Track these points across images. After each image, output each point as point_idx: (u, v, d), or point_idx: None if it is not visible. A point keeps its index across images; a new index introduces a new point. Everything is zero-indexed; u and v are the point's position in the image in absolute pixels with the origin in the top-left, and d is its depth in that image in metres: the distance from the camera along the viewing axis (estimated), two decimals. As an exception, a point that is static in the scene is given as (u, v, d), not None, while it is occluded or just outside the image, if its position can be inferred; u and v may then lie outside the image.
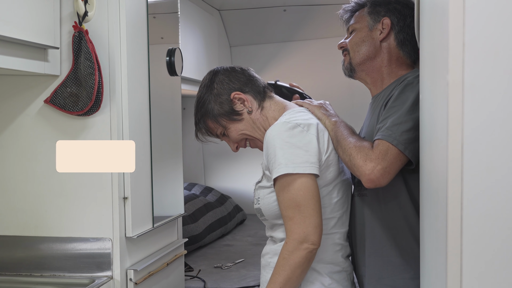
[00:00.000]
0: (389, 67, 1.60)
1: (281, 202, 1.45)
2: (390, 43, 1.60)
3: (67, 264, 1.76)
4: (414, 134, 1.43)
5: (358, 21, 1.65)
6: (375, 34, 1.61)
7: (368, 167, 1.41)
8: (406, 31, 1.60)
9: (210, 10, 3.75)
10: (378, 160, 1.41)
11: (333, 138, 1.52)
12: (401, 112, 1.45)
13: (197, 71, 3.29)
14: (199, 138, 1.68)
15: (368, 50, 1.61)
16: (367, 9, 1.64)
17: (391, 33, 1.60)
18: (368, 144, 1.45)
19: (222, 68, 1.65)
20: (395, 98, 1.48)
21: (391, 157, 1.41)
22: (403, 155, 1.42)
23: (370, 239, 1.57)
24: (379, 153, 1.41)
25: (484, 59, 0.90)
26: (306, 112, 1.58)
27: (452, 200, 0.92)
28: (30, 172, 1.78)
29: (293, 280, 1.42)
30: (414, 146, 1.43)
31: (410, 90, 1.47)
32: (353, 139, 1.47)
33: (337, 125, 1.53)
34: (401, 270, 1.52)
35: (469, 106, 0.90)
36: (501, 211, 0.90)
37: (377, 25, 1.61)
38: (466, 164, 0.91)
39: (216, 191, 3.97)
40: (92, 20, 1.71)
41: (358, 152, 1.44)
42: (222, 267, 2.80)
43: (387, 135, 1.43)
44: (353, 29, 1.65)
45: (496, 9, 0.89)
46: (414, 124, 1.43)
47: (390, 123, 1.44)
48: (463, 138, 0.91)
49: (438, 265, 1.03)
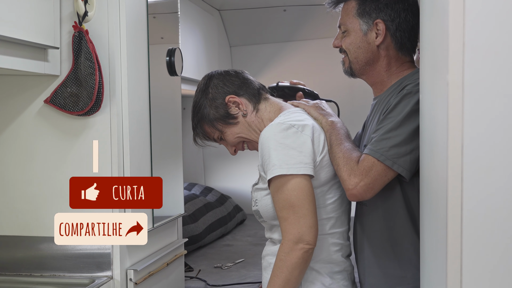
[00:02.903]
0: (389, 71, 1.57)
1: (276, 203, 1.45)
2: (388, 45, 1.56)
3: (67, 264, 1.75)
4: (406, 148, 1.41)
5: (348, 21, 1.58)
6: (370, 38, 1.55)
7: (351, 182, 1.42)
8: (402, 28, 1.54)
9: (210, 10, 3.75)
10: (361, 176, 1.41)
11: (327, 140, 1.51)
12: (393, 124, 1.42)
13: (197, 71, 3.29)
14: (198, 143, 1.69)
15: (366, 57, 1.57)
16: (355, 9, 1.56)
17: (387, 35, 1.55)
18: (356, 157, 1.44)
19: (217, 72, 1.66)
20: (391, 109, 1.46)
21: (375, 173, 1.41)
22: (390, 170, 1.41)
23: (369, 248, 1.58)
24: (363, 169, 1.41)
25: (484, 59, 0.90)
26: (302, 112, 1.58)
27: (452, 200, 0.92)
28: (30, 172, 1.78)
29: (292, 281, 1.42)
30: (405, 159, 1.41)
31: (406, 101, 1.44)
32: (343, 148, 1.46)
33: (332, 126, 1.52)
34: (400, 281, 1.52)
35: (469, 106, 0.90)
36: (501, 211, 0.90)
37: (371, 28, 1.55)
38: (466, 164, 0.91)
39: (216, 191, 3.97)
40: (92, 20, 1.71)
41: (344, 164, 1.44)
42: (222, 267, 2.80)
43: (375, 150, 1.42)
44: (345, 30, 1.59)
45: (496, 9, 0.89)
46: (406, 137, 1.41)
47: (379, 137, 1.43)
48: (463, 138, 0.91)
49: (438, 265, 1.03)
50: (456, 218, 0.91)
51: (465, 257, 0.91)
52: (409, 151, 1.41)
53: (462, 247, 0.91)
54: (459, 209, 0.91)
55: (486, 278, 0.91)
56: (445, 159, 0.93)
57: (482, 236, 0.91)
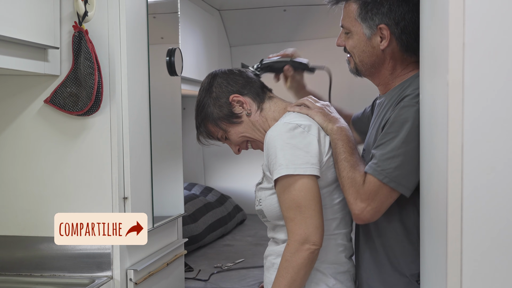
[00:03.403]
0: (394, 73, 1.54)
1: (282, 203, 1.45)
2: (393, 48, 1.51)
3: (67, 264, 1.75)
4: (410, 167, 1.39)
5: (350, 24, 1.53)
6: (374, 42, 1.50)
7: (358, 207, 1.41)
8: (408, 31, 1.49)
9: (210, 10, 3.75)
10: (368, 201, 1.40)
11: (332, 148, 1.49)
12: (395, 143, 1.39)
13: (197, 71, 3.29)
14: (201, 142, 1.68)
15: (371, 60, 1.52)
16: (357, 13, 1.50)
17: (392, 39, 1.49)
18: (360, 177, 1.42)
19: (221, 71, 1.65)
20: (391, 123, 1.42)
21: (381, 197, 1.40)
22: (395, 191, 1.41)
23: (367, 257, 1.58)
24: (369, 193, 1.40)
25: (484, 59, 0.90)
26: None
27: (452, 199, 0.92)
28: (30, 172, 1.78)
29: (298, 281, 1.42)
30: (409, 179, 1.40)
31: (405, 114, 1.40)
32: (348, 164, 1.44)
33: (338, 134, 1.49)
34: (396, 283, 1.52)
35: (469, 106, 0.90)
36: (501, 210, 0.90)
37: (375, 33, 1.49)
38: (466, 164, 0.91)
39: (216, 191, 3.98)
40: (92, 20, 1.71)
41: (350, 186, 1.42)
42: (222, 267, 2.80)
43: (378, 170, 1.40)
44: (348, 31, 1.54)
45: (496, 9, 0.89)
46: (409, 157, 1.38)
47: (382, 156, 1.40)
48: (463, 138, 0.91)
49: (438, 265, 1.03)
50: (456, 218, 0.91)
51: (465, 257, 0.91)
52: (412, 169, 1.39)
53: (462, 247, 0.91)
54: (459, 209, 0.91)
55: (486, 278, 0.91)
56: (445, 159, 0.93)
57: (482, 236, 0.91)
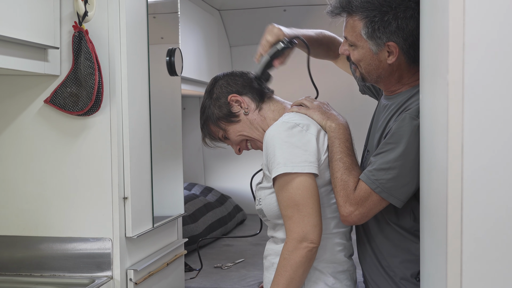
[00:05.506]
0: (401, 81, 1.53)
1: (280, 202, 1.45)
2: (401, 61, 1.49)
3: (67, 264, 1.75)
4: (404, 180, 1.40)
5: (355, 39, 1.49)
6: (381, 56, 1.48)
7: (346, 210, 1.44)
8: (416, 45, 1.45)
9: (210, 10, 3.75)
10: (356, 206, 1.43)
11: (329, 146, 1.50)
12: (393, 155, 1.40)
13: (197, 71, 3.29)
14: (207, 144, 1.72)
15: (378, 72, 1.51)
16: (363, 31, 1.46)
17: (400, 53, 1.47)
18: (353, 182, 1.44)
19: (223, 74, 1.71)
20: (392, 133, 1.42)
21: (371, 204, 1.43)
22: (385, 201, 1.42)
23: (367, 260, 1.59)
24: (359, 199, 1.43)
25: (484, 59, 0.90)
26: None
27: (452, 200, 0.92)
28: (30, 172, 1.78)
29: (296, 280, 1.42)
30: (402, 191, 1.41)
31: (406, 127, 1.40)
32: (343, 166, 1.46)
33: (336, 132, 1.50)
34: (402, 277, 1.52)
35: (469, 106, 0.90)
36: (501, 210, 0.90)
37: (382, 49, 1.47)
38: (466, 164, 0.91)
39: (216, 191, 3.97)
40: (92, 20, 1.71)
41: (341, 189, 1.45)
42: (222, 267, 2.80)
43: (372, 179, 1.42)
44: (352, 43, 1.51)
45: (496, 10, 0.89)
46: (405, 171, 1.39)
47: (379, 165, 1.41)
48: (463, 138, 0.91)
49: (438, 265, 1.03)
50: (456, 218, 0.91)
51: (465, 257, 0.91)
52: (406, 183, 1.41)
53: (462, 247, 0.91)
54: (459, 209, 0.91)
55: (486, 278, 0.91)
56: (445, 159, 0.93)
57: (482, 236, 0.91)
